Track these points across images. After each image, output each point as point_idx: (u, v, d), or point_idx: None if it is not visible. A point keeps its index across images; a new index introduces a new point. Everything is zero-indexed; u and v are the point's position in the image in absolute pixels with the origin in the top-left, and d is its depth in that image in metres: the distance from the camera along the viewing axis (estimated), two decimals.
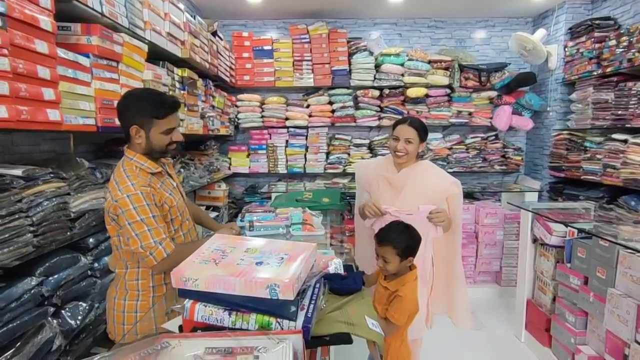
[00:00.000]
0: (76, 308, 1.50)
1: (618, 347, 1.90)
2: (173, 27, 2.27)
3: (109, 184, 1.35)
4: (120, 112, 1.39)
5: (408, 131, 1.82)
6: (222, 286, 0.83)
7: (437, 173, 1.91)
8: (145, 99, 1.38)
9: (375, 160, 2.13)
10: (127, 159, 1.39)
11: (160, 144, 1.40)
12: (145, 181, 1.35)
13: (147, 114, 1.35)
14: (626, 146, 2.81)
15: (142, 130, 1.37)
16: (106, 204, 1.32)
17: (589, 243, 2.16)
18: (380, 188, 1.90)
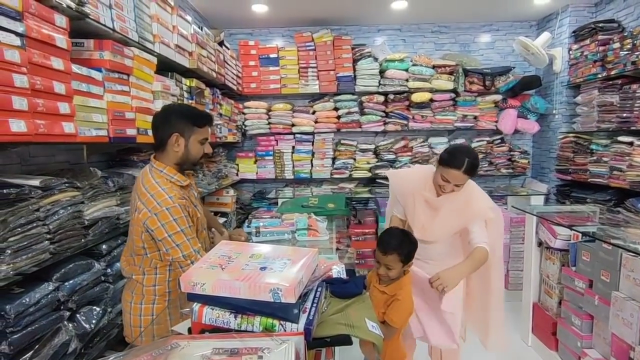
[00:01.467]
0: (90, 312, 1.56)
1: (623, 350, 1.90)
2: (181, 39, 2.34)
3: (141, 196, 1.37)
4: (160, 121, 1.46)
5: (460, 178, 1.70)
6: (228, 290, 0.88)
7: (477, 196, 1.83)
8: (185, 109, 1.50)
9: (412, 173, 2.00)
10: (156, 171, 1.43)
11: (196, 154, 1.49)
12: (180, 194, 1.42)
13: (189, 122, 1.45)
14: (632, 149, 2.81)
15: (182, 138, 1.44)
16: (139, 215, 1.34)
17: (592, 246, 2.17)
18: (417, 206, 1.84)
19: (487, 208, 1.81)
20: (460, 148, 1.79)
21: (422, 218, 1.83)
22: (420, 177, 1.90)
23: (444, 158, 1.74)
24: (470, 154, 1.72)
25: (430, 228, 1.82)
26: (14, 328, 1.23)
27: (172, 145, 1.43)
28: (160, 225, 1.32)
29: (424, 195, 1.83)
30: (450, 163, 1.69)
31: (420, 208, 1.84)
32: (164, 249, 1.35)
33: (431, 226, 1.82)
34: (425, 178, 1.87)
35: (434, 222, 1.81)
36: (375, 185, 4.03)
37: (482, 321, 1.99)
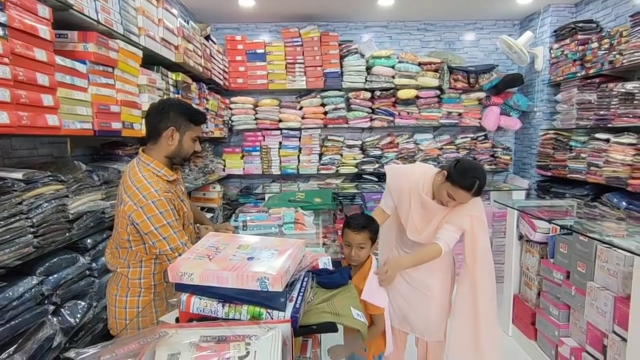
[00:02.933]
0: (75, 306, 1.55)
1: (598, 338, 1.98)
2: (167, 33, 2.32)
3: (127, 189, 1.37)
4: (158, 113, 1.45)
5: (467, 198, 1.70)
6: (216, 280, 0.89)
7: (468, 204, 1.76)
8: (184, 105, 1.51)
9: (412, 172, 1.90)
10: (143, 165, 1.43)
11: (188, 150, 1.51)
12: (166, 187, 1.42)
13: (187, 118, 1.47)
14: (608, 145, 2.91)
15: (177, 132, 1.45)
16: (125, 208, 1.34)
17: (570, 239, 2.25)
18: (412, 207, 1.83)
19: (467, 216, 1.76)
20: (471, 168, 1.69)
21: (416, 220, 1.83)
22: (419, 177, 1.85)
23: (453, 177, 1.67)
24: (480, 176, 1.67)
25: (424, 231, 1.82)
26: None
27: (166, 138, 1.44)
28: (146, 218, 1.32)
29: (422, 198, 1.80)
30: (461, 184, 1.65)
31: (416, 210, 1.83)
32: (150, 242, 1.35)
33: (425, 229, 1.82)
34: (424, 178, 1.83)
35: (429, 226, 1.81)
36: (361, 180, 4.06)
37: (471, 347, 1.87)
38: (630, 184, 2.66)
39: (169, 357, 0.74)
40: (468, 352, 1.87)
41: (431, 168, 1.93)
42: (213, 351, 0.75)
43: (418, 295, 1.88)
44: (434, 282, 1.89)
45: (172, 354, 0.74)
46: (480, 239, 1.80)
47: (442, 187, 1.72)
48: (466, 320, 1.86)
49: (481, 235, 1.80)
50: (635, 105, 2.67)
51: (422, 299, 1.89)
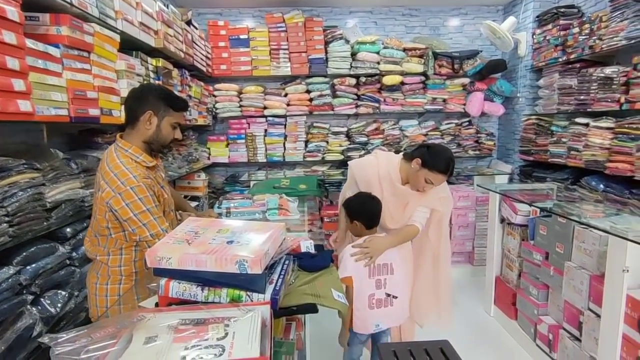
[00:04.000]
0: (55, 296, 1.53)
1: (574, 315, 2.05)
2: (145, 17, 2.26)
3: (104, 175, 1.35)
4: (136, 96, 1.44)
5: (443, 181, 1.83)
6: (195, 263, 0.89)
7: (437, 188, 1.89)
8: (163, 91, 1.47)
9: (377, 163, 1.97)
10: (121, 151, 1.40)
11: (166, 136, 1.48)
12: (145, 173, 1.40)
13: (166, 103, 1.44)
14: (588, 130, 2.97)
15: (155, 117, 1.42)
16: (103, 194, 1.32)
17: (549, 221, 2.30)
18: (385, 194, 1.90)
19: (438, 199, 1.91)
20: (443, 151, 1.83)
21: (390, 208, 1.90)
22: (383, 162, 1.94)
23: (430, 163, 1.77)
24: (452, 156, 1.81)
25: (400, 217, 1.91)
26: None
27: (144, 123, 1.41)
28: (124, 204, 1.30)
29: (395, 186, 1.88)
30: (439, 168, 1.76)
31: (389, 198, 1.89)
32: (130, 228, 1.33)
33: (401, 215, 1.90)
34: (390, 168, 1.91)
35: (405, 212, 1.90)
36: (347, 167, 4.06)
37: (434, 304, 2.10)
38: (607, 167, 2.73)
39: (146, 340, 0.74)
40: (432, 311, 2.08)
41: (392, 155, 2.01)
42: (191, 333, 0.76)
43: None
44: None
45: (150, 336, 0.74)
46: (446, 217, 2.00)
47: (420, 175, 1.79)
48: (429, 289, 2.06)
49: (447, 214, 1.99)
50: (614, 90, 2.72)
51: None
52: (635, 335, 1.64)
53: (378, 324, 1.82)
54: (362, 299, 1.76)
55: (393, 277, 1.82)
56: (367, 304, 1.78)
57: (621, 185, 2.69)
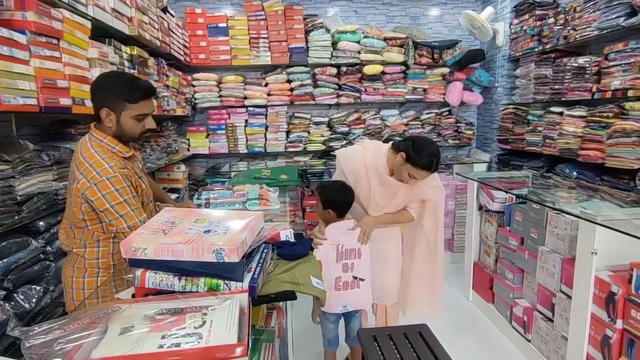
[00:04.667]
0: (30, 291, 1.50)
1: (547, 297, 2.14)
2: (118, 3, 2.18)
3: (79, 165, 1.31)
4: (92, 92, 1.38)
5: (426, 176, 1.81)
6: (171, 253, 0.88)
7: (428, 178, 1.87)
8: (118, 82, 1.37)
9: (364, 153, 1.95)
10: (96, 141, 1.36)
11: (131, 130, 1.40)
12: (121, 163, 1.36)
13: (120, 97, 1.34)
14: (562, 118, 3.05)
15: (112, 113, 1.35)
16: (78, 185, 1.28)
17: (524, 207, 2.37)
18: (372, 186, 1.91)
19: (430, 188, 1.93)
20: (427, 146, 1.77)
21: (377, 197, 1.92)
22: (371, 156, 1.92)
23: (414, 159, 1.74)
24: (437, 153, 1.77)
25: (386, 206, 1.93)
26: None
27: (104, 120, 1.36)
28: (100, 195, 1.27)
29: (382, 177, 1.88)
30: (422, 165, 1.74)
31: (376, 188, 1.90)
32: (106, 220, 1.31)
33: (387, 205, 1.92)
34: (377, 157, 1.91)
35: (391, 202, 1.92)
36: (329, 157, 4.07)
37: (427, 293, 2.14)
38: (580, 155, 2.81)
39: (122, 330, 0.73)
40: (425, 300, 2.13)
41: (379, 144, 2.01)
42: (168, 322, 0.75)
43: (374, 264, 1.97)
44: (388, 250, 2.04)
45: (126, 327, 0.74)
46: (440, 207, 2.00)
47: (403, 169, 1.80)
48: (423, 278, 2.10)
49: (440, 203, 2.00)
50: (586, 79, 2.79)
51: (380, 268, 2.02)
52: (603, 314, 1.72)
53: (345, 305, 1.90)
54: (328, 282, 1.82)
55: (360, 261, 1.89)
56: (334, 285, 1.86)
57: (593, 172, 2.78)
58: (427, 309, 2.12)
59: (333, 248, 1.85)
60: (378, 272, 2.01)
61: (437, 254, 2.07)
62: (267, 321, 1.24)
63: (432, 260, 2.08)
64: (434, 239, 2.04)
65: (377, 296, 2.04)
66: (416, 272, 2.11)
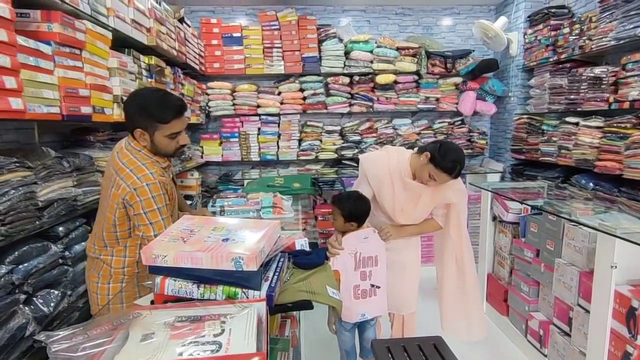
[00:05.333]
0: (48, 295, 1.52)
1: (564, 311, 2.09)
2: (138, 14, 2.24)
3: (119, 171, 1.34)
4: (125, 112, 1.41)
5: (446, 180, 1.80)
6: (190, 261, 0.89)
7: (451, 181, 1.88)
8: (149, 102, 1.37)
9: (387, 158, 1.95)
10: (134, 150, 1.40)
11: (166, 148, 1.42)
12: (161, 171, 1.39)
13: (151, 118, 1.36)
14: (577, 129, 3.01)
15: (146, 133, 1.38)
16: (119, 191, 1.32)
17: (540, 218, 2.34)
18: (396, 190, 1.91)
19: (453, 192, 1.92)
20: (453, 151, 1.78)
21: (402, 202, 1.92)
22: (395, 161, 1.93)
23: (437, 160, 1.75)
24: (461, 159, 1.78)
25: (412, 211, 1.93)
26: None
27: (138, 139, 1.41)
28: (138, 200, 1.31)
29: (405, 181, 1.89)
30: (444, 167, 1.75)
31: (400, 192, 1.91)
32: (136, 223, 1.33)
33: (413, 210, 1.92)
34: (400, 162, 1.92)
35: (417, 206, 1.91)
36: (341, 166, 4.08)
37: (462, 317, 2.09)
38: (596, 166, 2.77)
39: (143, 337, 0.74)
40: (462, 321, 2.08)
41: (403, 150, 2.02)
42: (188, 330, 0.76)
43: (394, 273, 1.97)
44: (407, 258, 2.03)
45: (146, 333, 0.75)
46: (463, 211, 2.00)
47: (425, 169, 1.81)
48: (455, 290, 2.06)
49: (463, 207, 1.99)
50: (603, 90, 2.76)
51: (397, 276, 2.00)
52: (623, 330, 1.68)
53: (364, 314, 1.90)
54: (347, 291, 1.82)
55: (377, 269, 1.88)
56: (353, 294, 1.85)
57: (610, 184, 2.73)
58: (465, 332, 2.07)
59: (351, 257, 1.84)
60: (396, 281, 2.00)
61: (465, 269, 2.02)
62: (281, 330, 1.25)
63: (462, 277, 2.03)
64: (459, 246, 2.01)
65: (394, 306, 2.03)
66: (448, 288, 2.08)
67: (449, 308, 2.09)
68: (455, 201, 1.93)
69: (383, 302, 1.93)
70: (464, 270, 2.03)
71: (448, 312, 2.10)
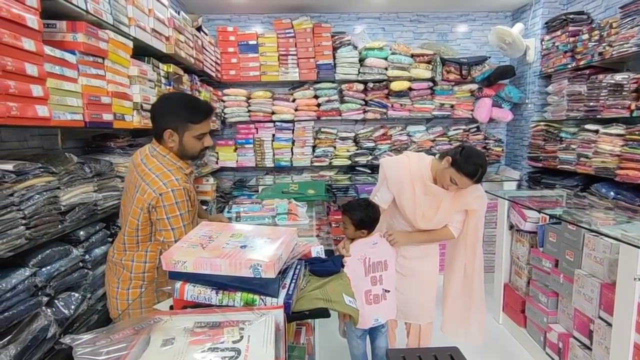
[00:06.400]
0: (69, 298, 1.55)
1: (584, 323, 2.03)
2: (157, 23, 2.30)
3: (145, 177, 1.37)
4: (155, 114, 1.44)
5: (469, 184, 1.81)
6: (209, 267, 0.90)
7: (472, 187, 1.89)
8: (181, 104, 1.43)
9: (409, 162, 1.96)
10: (160, 156, 1.43)
11: (193, 149, 1.47)
12: (185, 178, 1.42)
13: (183, 118, 1.41)
14: (597, 136, 2.95)
15: (175, 134, 1.42)
16: (144, 196, 1.34)
17: (559, 228, 2.29)
18: (417, 195, 1.91)
19: (474, 198, 1.90)
20: (475, 156, 1.79)
21: (423, 207, 1.91)
22: (416, 165, 1.94)
23: (459, 163, 1.76)
24: (483, 164, 1.78)
25: (432, 217, 1.91)
26: None
27: (166, 140, 1.44)
28: (162, 205, 1.33)
29: (427, 185, 1.89)
30: (466, 171, 1.76)
31: (421, 197, 1.90)
32: (158, 227, 1.36)
33: (434, 215, 1.90)
34: (422, 166, 1.93)
35: (438, 212, 1.90)
36: (355, 172, 4.08)
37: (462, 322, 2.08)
38: (618, 174, 2.71)
39: (164, 342, 0.75)
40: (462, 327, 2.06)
41: (424, 155, 2.03)
42: (207, 336, 0.77)
43: (412, 282, 1.96)
44: (426, 267, 2.02)
45: (167, 339, 0.76)
46: (482, 219, 1.99)
47: (446, 173, 1.81)
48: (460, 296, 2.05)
49: (482, 214, 1.98)
50: (624, 97, 2.70)
51: (415, 285, 2.00)
52: None
53: (377, 319, 1.89)
54: (359, 297, 1.80)
55: (387, 273, 1.89)
56: (365, 300, 1.85)
57: (632, 193, 2.66)
58: (463, 335, 2.06)
59: (360, 262, 1.85)
60: (414, 290, 2.00)
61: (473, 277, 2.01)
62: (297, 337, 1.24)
63: (469, 281, 2.02)
64: (472, 253, 1.99)
65: (412, 315, 2.02)
66: (454, 294, 2.07)
67: (452, 312, 2.08)
68: (476, 207, 1.91)
69: (393, 306, 1.94)
70: (473, 276, 2.02)
71: (450, 316, 2.09)
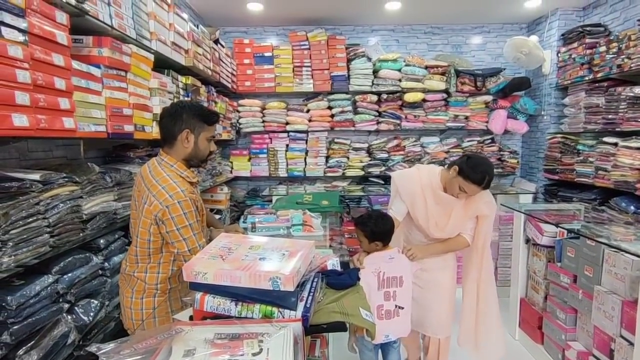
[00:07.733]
0: (88, 305, 1.59)
1: (605, 342, 1.98)
2: (177, 37, 2.37)
3: (152, 188, 1.39)
4: (171, 117, 1.48)
5: (477, 191, 1.84)
6: (229, 279, 0.91)
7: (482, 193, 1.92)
8: (195, 107, 1.52)
9: (419, 174, 2.02)
10: (167, 166, 1.47)
11: (205, 151, 1.54)
12: (192, 188, 1.46)
13: (200, 119, 1.49)
14: (616, 149, 2.90)
15: (192, 134, 1.48)
16: (151, 207, 1.37)
17: (577, 243, 2.24)
18: (429, 205, 1.94)
19: (484, 204, 1.94)
20: (482, 163, 1.83)
21: (436, 216, 1.94)
22: (426, 176, 1.99)
23: (465, 172, 1.81)
24: (489, 170, 1.82)
25: (445, 225, 1.95)
26: (15, 319, 1.25)
27: (182, 141, 1.47)
28: (170, 217, 1.35)
29: (437, 194, 1.92)
30: (473, 179, 1.80)
31: (433, 207, 1.94)
32: (169, 240, 1.38)
33: (446, 223, 1.94)
34: (431, 177, 1.97)
35: (450, 219, 1.93)
36: (368, 183, 4.08)
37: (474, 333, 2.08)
38: (638, 189, 2.65)
39: (185, 352, 0.76)
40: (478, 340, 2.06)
41: (434, 166, 2.08)
42: (227, 348, 0.78)
43: (431, 294, 1.96)
44: (445, 279, 2.02)
45: (188, 349, 0.77)
46: (491, 223, 2.01)
47: (455, 181, 1.85)
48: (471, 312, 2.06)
49: (492, 219, 2.00)
50: None
51: (435, 297, 2.00)
52: None
53: (387, 334, 1.87)
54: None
55: (402, 289, 1.87)
56: (376, 314, 1.83)
57: None
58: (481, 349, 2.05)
59: (374, 276, 1.84)
60: (433, 302, 1.99)
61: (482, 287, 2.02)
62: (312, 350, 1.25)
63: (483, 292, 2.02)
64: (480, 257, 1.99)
65: (430, 328, 2.00)
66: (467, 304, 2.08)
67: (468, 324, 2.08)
68: (486, 212, 1.95)
69: (406, 324, 1.91)
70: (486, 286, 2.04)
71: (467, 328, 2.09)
